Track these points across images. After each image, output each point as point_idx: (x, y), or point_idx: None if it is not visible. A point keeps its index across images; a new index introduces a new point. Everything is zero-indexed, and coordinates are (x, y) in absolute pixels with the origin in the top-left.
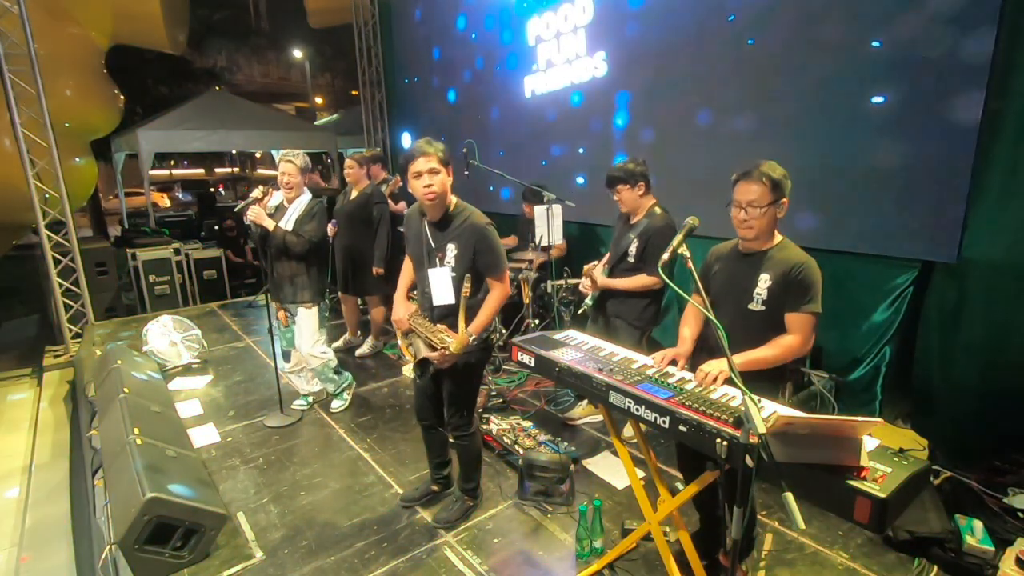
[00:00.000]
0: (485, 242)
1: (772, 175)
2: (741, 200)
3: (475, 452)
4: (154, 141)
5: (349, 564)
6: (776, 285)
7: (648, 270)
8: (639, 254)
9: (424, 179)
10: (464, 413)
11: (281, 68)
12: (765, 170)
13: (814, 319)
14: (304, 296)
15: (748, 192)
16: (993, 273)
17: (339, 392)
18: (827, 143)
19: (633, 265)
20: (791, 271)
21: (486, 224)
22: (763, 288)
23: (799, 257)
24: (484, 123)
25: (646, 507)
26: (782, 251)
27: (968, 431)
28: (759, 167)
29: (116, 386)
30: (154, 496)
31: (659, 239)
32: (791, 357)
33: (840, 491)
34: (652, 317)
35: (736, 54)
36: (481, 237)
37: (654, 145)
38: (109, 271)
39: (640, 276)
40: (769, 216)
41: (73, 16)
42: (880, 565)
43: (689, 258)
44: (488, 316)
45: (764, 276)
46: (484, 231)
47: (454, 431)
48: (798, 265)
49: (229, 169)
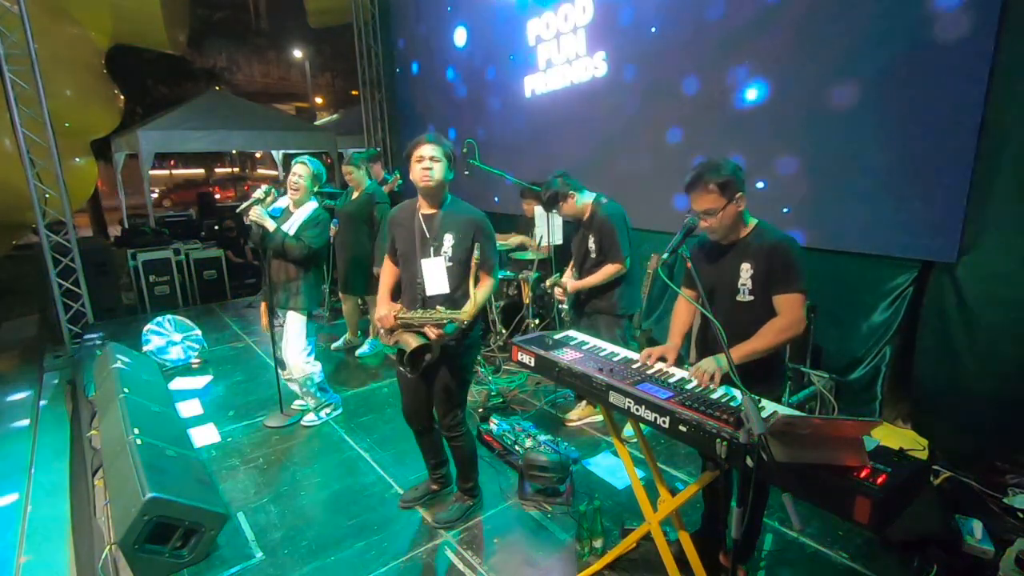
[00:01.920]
0: (484, 233)
1: (717, 179)
2: (697, 210)
3: (470, 451)
4: (154, 141)
5: (349, 564)
6: (759, 272)
7: (610, 259)
8: (598, 248)
9: (425, 163)
10: (456, 413)
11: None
12: (709, 177)
13: (802, 297)
14: (296, 303)
15: (700, 203)
16: (993, 273)
17: (318, 409)
18: (827, 142)
19: (596, 260)
20: (770, 255)
21: (485, 216)
22: (747, 278)
23: (775, 239)
24: (484, 123)
25: (646, 507)
26: (758, 236)
27: (968, 431)
28: (701, 176)
29: (116, 386)
30: (154, 496)
31: (608, 227)
32: (786, 339)
33: (840, 491)
34: (629, 302)
35: (736, 54)
36: (480, 228)
37: (654, 145)
38: (109, 271)
39: (605, 268)
40: (728, 215)
41: (73, 16)
42: (880, 565)
43: (689, 258)
44: (481, 301)
45: (745, 265)
46: (484, 222)
47: (447, 431)
48: (775, 247)
49: (229, 169)
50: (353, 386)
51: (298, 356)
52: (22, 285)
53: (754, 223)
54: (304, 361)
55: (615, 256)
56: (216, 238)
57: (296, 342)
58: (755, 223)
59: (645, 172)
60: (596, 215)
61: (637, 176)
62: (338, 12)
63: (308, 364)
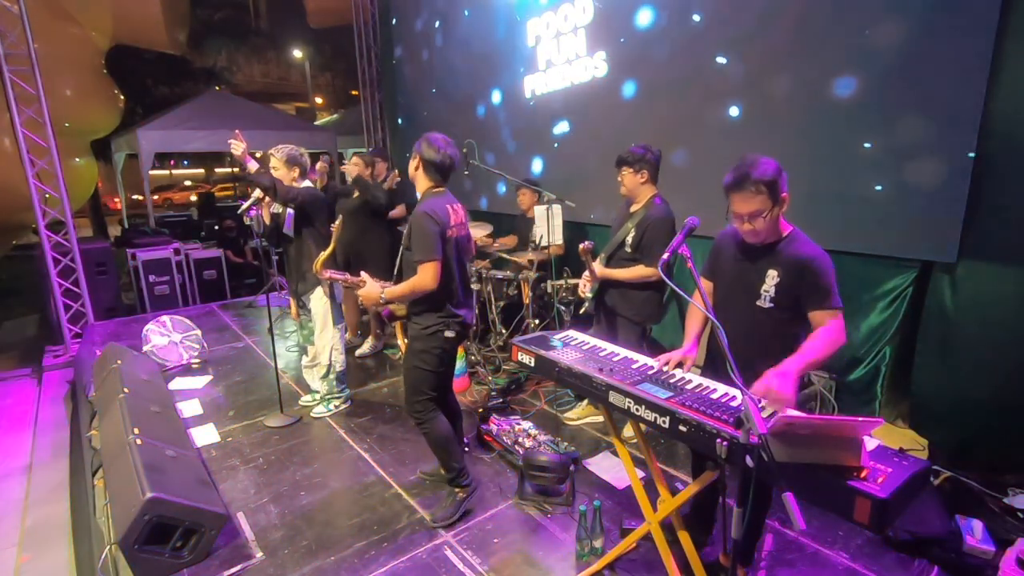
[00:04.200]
0: (413, 224)
1: (765, 179)
2: (742, 213)
3: (434, 438)
4: (154, 141)
5: (349, 564)
6: (784, 283)
7: (645, 261)
8: (636, 244)
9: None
10: (413, 397)
11: (281, 68)
12: (757, 177)
13: (841, 313)
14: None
15: (746, 205)
16: (992, 273)
17: (329, 400)
18: (827, 142)
19: (630, 256)
20: (802, 270)
21: (419, 210)
22: (771, 285)
23: (811, 252)
24: (484, 122)
25: (646, 507)
26: (792, 244)
27: (968, 431)
28: (748, 176)
29: (116, 386)
30: (154, 496)
31: (656, 230)
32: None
33: (840, 491)
34: (652, 312)
35: (736, 54)
36: (412, 219)
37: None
38: (109, 271)
39: (638, 267)
40: (773, 218)
41: (73, 16)
42: (880, 565)
43: (689, 258)
44: (400, 290)
45: (772, 272)
46: (416, 214)
47: (409, 415)
48: (809, 263)
49: (229, 169)
50: (353, 386)
51: (327, 341)
52: (22, 285)
53: (790, 230)
54: (333, 347)
55: (652, 259)
56: (216, 238)
57: (320, 321)
58: (791, 230)
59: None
60: (648, 211)
61: None
62: (338, 12)
63: (336, 351)
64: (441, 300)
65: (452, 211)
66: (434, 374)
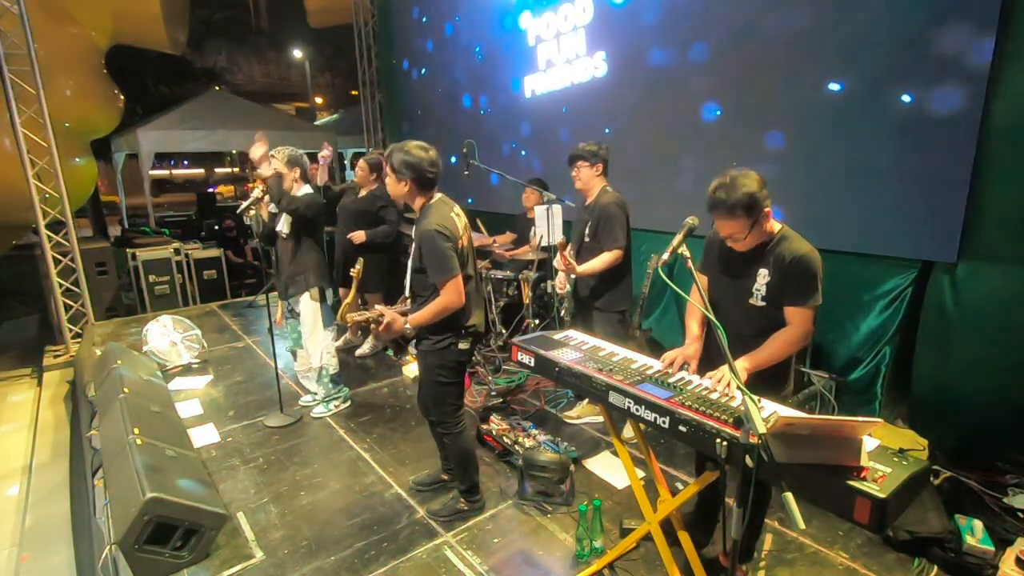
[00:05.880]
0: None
1: (743, 202)
2: (723, 233)
3: (457, 451)
4: (154, 141)
5: (349, 564)
6: (775, 280)
7: (604, 246)
8: (593, 232)
9: None
10: (439, 409)
11: (281, 68)
12: (734, 202)
13: (813, 312)
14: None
15: (725, 227)
16: (992, 273)
17: (328, 400)
18: (827, 142)
19: (590, 244)
20: (789, 267)
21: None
22: (761, 284)
23: (798, 250)
24: (484, 122)
25: (646, 507)
26: (781, 243)
27: (968, 431)
28: (724, 202)
29: (116, 386)
30: (154, 496)
31: (606, 212)
32: (794, 351)
33: (840, 491)
34: (622, 297)
35: (736, 54)
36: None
37: (655, 143)
38: (109, 271)
39: (603, 255)
40: (755, 235)
41: (73, 16)
42: (880, 565)
43: (689, 258)
44: (426, 315)
45: (762, 271)
46: (424, 233)
47: (437, 426)
48: (796, 262)
49: (229, 169)
50: (353, 386)
51: (317, 344)
52: (22, 285)
53: (779, 228)
54: (324, 350)
55: (609, 243)
56: (216, 238)
57: (314, 329)
58: (779, 229)
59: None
60: (599, 199)
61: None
62: (338, 12)
63: (327, 353)
64: (456, 315)
65: (456, 218)
66: (455, 385)
